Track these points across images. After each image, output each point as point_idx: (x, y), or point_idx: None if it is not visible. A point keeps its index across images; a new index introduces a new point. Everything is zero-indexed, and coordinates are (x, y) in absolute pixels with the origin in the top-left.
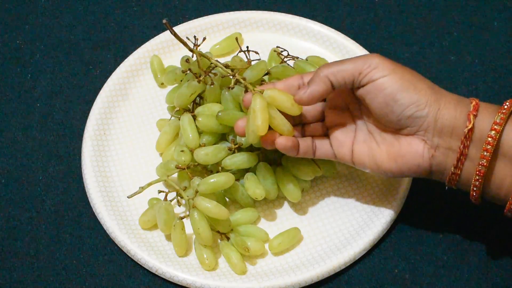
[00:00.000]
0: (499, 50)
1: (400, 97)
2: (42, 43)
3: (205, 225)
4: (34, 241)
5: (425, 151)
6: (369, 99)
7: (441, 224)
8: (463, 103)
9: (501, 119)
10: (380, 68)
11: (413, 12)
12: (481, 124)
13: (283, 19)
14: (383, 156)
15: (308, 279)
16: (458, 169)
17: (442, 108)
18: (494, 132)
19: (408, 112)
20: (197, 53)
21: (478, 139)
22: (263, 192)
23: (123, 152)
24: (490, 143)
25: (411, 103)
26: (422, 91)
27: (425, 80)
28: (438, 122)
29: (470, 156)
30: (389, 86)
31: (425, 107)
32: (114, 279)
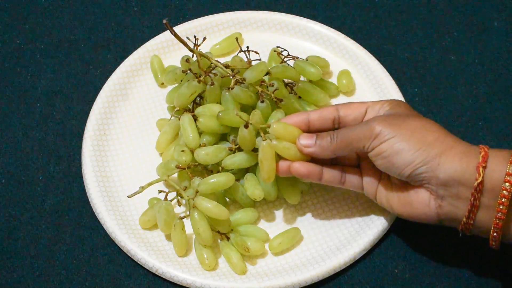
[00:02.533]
0: (499, 50)
1: (396, 161)
2: (42, 43)
3: (205, 225)
4: (34, 241)
5: (432, 201)
6: (373, 161)
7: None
8: (472, 154)
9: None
10: (380, 136)
11: (413, 12)
12: (492, 174)
13: (283, 19)
14: (395, 200)
15: (308, 279)
16: (470, 219)
17: (443, 163)
18: (509, 184)
19: (406, 173)
20: (197, 53)
21: (490, 189)
22: (262, 193)
23: (123, 152)
24: (506, 196)
25: (406, 165)
26: (422, 148)
27: (432, 132)
28: (439, 177)
29: (483, 205)
30: (386, 150)
31: (422, 164)
32: (114, 279)
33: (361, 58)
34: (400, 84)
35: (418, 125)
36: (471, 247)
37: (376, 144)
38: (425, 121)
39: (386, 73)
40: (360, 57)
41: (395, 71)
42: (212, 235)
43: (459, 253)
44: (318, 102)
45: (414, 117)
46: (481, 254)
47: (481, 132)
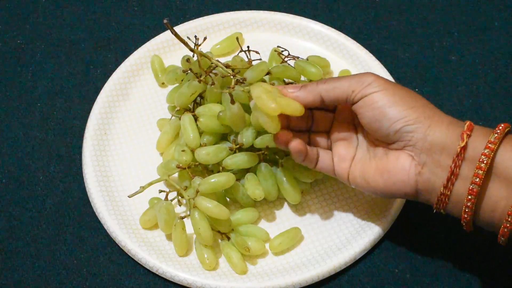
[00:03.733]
0: (500, 50)
1: (389, 112)
2: (43, 42)
3: (206, 225)
4: (35, 240)
5: (412, 167)
6: (360, 113)
7: (442, 224)
8: (457, 124)
9: (495, 138)
10: (373, 85)
11: (414, 12)
12: (474, 144)
13: (284, 19)
14: (372, 171)
15: (309, 279)
16: (448, 189)
17: (434, 126)
18: (489, 150)
19: (397, 127)
20: (198, 53)
21: (471, 158)
22: (262, 193)
23: (124, 152)
24: (484, 161)
25: (399, 118)
26: (414, 108)
27: (421, 99)
28: (427, 139)
29: (462, 175)
30: (379, 100)
31: (414, 122)
32: (115, 278)
33: (362, 58)
34: (401, 84)
35: (409, 91)
36: (471, 247)
37: (368, 91)
38: (409, 89)
39: (387, 73)
40: (360, 57)
41: (395, 71)
42: (212, 235)
43: (459, 253)
44: None
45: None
46: (481, 254)
47: None
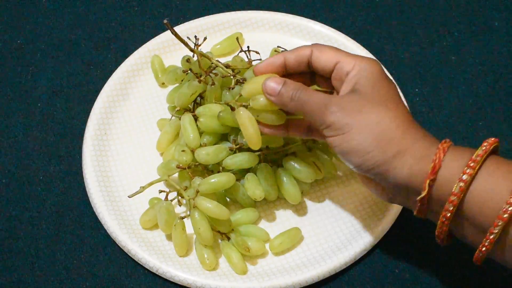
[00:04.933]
0: (500, 50)
1: (347, 158)
2: (43, 42)
3: (206, 225)
4: (35, 240)
5: (384, 192)
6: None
7: None
8: (425, 161)
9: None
10: (332, 127)
11: (414, 12)
12: (444, 177)
13: (284, 19)
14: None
15: (309, 279)
16: (421, 214)
17: (395, 168)
18: (452, 206)
19: (357, 170)
20: (198, 53)
21: (438, 196)
22: (262, 193)
23: (124, 152)
24: (450, 208)
25: (357, 164)
26: (374, 151)
27: (391, 131)
28: (390, 181)
29: (432, 209)
30: (338, 145)
31: (373, 168)
32: (115, 278)
33: None
34: (401, 84)
35: (377, 118)
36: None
37: (328, 134)
38: (387, 112)
39: (387, 73)
40: None
41: (395, 71)
42: (212, 235)
43: (459, 253)
44: None
45: (376, 105)
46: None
47: (481, 132)
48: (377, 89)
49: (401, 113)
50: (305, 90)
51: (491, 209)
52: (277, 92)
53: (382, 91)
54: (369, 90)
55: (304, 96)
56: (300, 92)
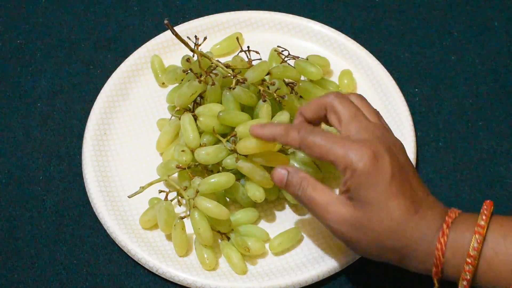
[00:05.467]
0: (500, 50)
1: (352, 247)
2: (43, 42)
3: (206, 225)
4: (35, 240)
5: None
6: None
7: None
8: (428, 262)
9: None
10: (332, 232)
11: (414, 12)
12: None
13: (284, 19)
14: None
15: (309, 279)
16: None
17: (401, 264)
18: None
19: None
20: (198, 53)
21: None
22: (263, 195)
23: (124, 152)
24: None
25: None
26: (375, 257)
27: (397, 241)
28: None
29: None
30: (340, 236)
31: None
32: (115, 279)
33: (362, 58)
34: (400, 84)
35: (375, 226)
36: None
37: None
38: (384, 214)
39: (387, 73)
40: (360, 57)
41: (395, 71)
42: (212, 235)
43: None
44: None
45: (372, 210)
46: None
47: (481, 132)
48: (370, 190)
49: (399, 207)
50: (312, 185)
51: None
52: (284, 183)
53: (376, 189)
54: (363, 195)
55: (310, 192)
56: (307, 187)
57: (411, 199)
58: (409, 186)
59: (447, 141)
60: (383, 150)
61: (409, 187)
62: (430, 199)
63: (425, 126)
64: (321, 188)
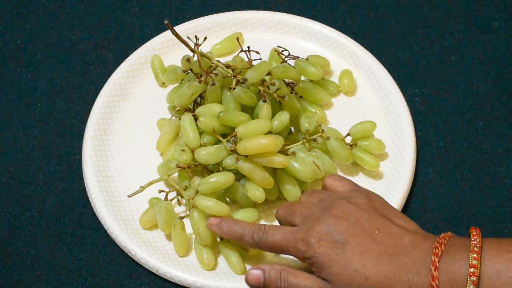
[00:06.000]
0: (500, 50)
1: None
2: (43, 42)
3: (205, 225)
4: (35, 240)
5: None
6: None
7: (442, 224)
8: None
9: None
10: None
11: (414, 12)
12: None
13: (284, 19)
14: None
15: None
16: None
17: None
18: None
19: None
20: (198, 53)
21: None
22: (263, 195)
23: (124, 152)
24: None
25: None
26: None
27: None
28: None
29: None
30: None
31: None
32: (115, 279)
33: (362, 58)
34: (401, 84)
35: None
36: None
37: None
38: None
39: (387, 73)
40: (360, 57)
41: (395, 71)
42: (211, 234)
43: None
44: (319, 101)
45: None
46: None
47: (481, 132)
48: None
49: (371, 263)
50: (292, 274)
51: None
52: (262, 282)
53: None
54: (329, 274)
55: (293, 280)
56: (287, 277)
57: (379, 253)
58: (372, 242)
59: (447, 141)
60: (327, 227)
61: (372, 243)
62: (406, 243)
63: (425, 126)
64: (302, 275)
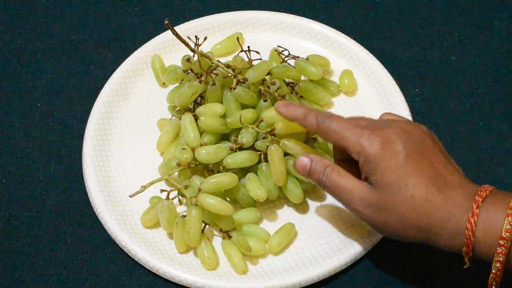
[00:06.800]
0: (500, 50)
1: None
2: (43, 42)
3: (198, 227)
4: (35, 240)
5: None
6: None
7: None
8: (461, 235)
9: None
10: (359, 216)
11: (414, 12)
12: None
13: (284, 19)
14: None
15: (309, 279)
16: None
17: (435, 242)
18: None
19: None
20: (198, 53)
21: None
22: (264, 194)
23: (124, 152)
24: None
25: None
26: (410, 236)
27: (423, 216)
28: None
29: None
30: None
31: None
32: (115, 278)
33: (362, 58)
34: (401, 84)
35: (399, 209)
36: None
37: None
38: (407, 194)
39: (387, 73)
40: (360, 57)
41: (395, 71)
42: (199, 239)
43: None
44: (319, 101)
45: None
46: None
47: (481, 132)
48: (385, 173)
49: (418, 186)
50: (336, 172)
51: None
52: (307, 171)
53: (391, 171)
54: (380, 179)
55: (333, 183)
56: (331, 173)
57: (432, 179)
58: (429, 166)
59: (447, 141)
60: (395, 135)
61: (429, 167)
62: (455, 179)
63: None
64: (345, 174)
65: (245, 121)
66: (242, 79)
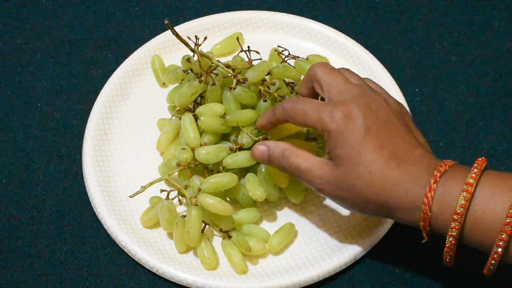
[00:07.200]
0: (500, 50)
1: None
2: (43, 42)
3: (198, 227)
4: (35, 240)
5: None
6: None
7: None
8: (416, 211)
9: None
10: (321, 192)
11: (414, 12)
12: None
13: (284, 19)
14: None
15: (309, 279)
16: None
17: (393, 217)
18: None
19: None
20: (198, 53)
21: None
22: (263, 194)
23: (124, 152)
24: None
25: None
26: (363, 211)
27: (381, 193)
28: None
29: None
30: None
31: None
32: (115, 279)
33: (362, 58)
34: (401, 84)
35: (365, 182)
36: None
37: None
38: (366, 169)
39: (387, 73)
40: (360, 57)
41: (395, 71)
42: (199, 239)
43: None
44: None
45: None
46: (481, 254)
47: (481, 132)
48: (345, 148)
49: (376, 161)
50: (294, 154)
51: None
52: (267, 158)
53: (350, 146)
54: (340, 154)
55: (294, 160)
56: (290, 156)
57: (391, 154)
58: (390, 142)
59: (447, 141)
60: (357, 109)
61: (390, 143)
62: (417, 154)
63: (425, 126)
64: (303, 154)
65: (244, 122)
66: (242, 79)
